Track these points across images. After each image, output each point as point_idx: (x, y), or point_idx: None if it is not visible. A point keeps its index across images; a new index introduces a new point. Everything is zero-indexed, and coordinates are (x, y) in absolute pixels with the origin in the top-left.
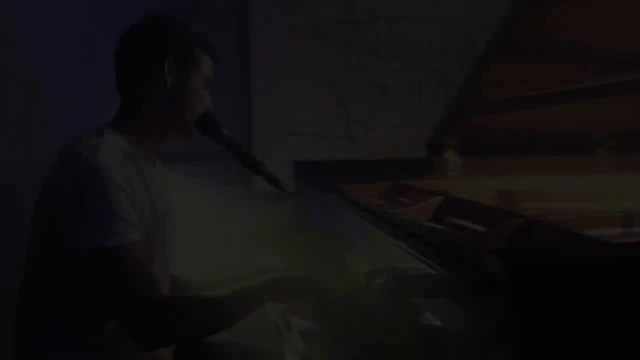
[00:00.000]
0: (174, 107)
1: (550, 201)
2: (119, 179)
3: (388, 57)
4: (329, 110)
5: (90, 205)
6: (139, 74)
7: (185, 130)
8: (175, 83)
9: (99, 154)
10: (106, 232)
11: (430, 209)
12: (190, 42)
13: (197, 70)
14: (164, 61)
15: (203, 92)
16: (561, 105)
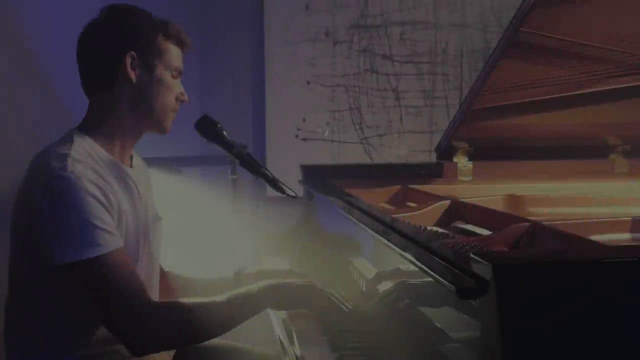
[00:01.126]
0: (142, 103)
1: (558, 206)
2: (90, 187)
3: (401, 62)
4: (342, 115)
5: (63, 218)
6: (101, 73)
7: (157, 125)
8: (140, 78)
9: (69, 163)
10: (83, 244)
11: (436, 213)
12: (151, 32)
13: (162, 61)
14: (125, 57)
15: (171, 82)
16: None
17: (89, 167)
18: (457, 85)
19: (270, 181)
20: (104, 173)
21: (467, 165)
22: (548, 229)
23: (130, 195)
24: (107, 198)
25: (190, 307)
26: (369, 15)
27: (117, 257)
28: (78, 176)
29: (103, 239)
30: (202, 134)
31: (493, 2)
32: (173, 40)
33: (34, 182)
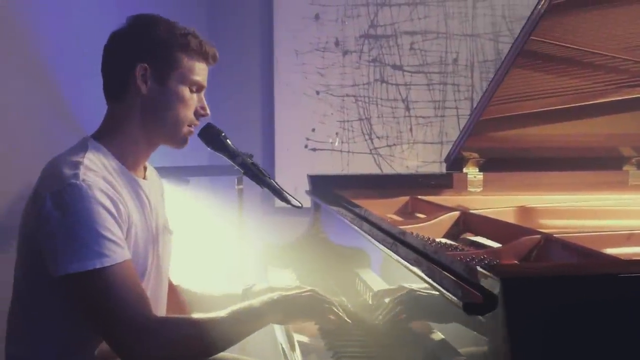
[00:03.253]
0: (153, 115)
1: (571, 218)
2: (101, 197)
3: (412, 72)
4: (352, 126)
5: (71, 226)
6: (114, 82)
7: (170, 138)
8: (152, 90)
9: (81, 171)
10: (89, 254)
11: (445, 225)
12: (167, 44)
13: (178, 74)
14: (136, 68)
15: (187, 95)
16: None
17: (100, 177)
18: (468, 95)
19: (276, 191)
20: (115, 183)
21: (478, 176)
22: (559, 242)
23: (141, 207)
24: (117, 209)
25: (194, 322)
26: (379, 25)
27: (123, 269)
28: (89, 185)
29: (110, 250)
30: (206, 143)
31: (505, 12)
32: (193, 53)
33: (44, 188)
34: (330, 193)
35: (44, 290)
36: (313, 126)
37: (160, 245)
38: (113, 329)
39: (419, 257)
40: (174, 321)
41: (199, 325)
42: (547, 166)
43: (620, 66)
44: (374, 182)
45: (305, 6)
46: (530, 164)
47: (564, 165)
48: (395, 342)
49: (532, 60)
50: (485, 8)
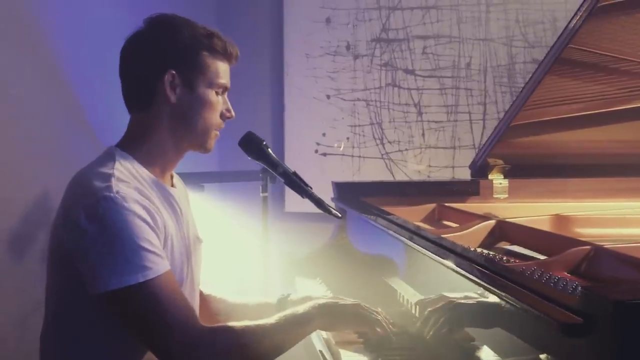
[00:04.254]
0: (182, 123)
1: (608, 226)
2: (137, 208)
3: (424, 77)
4: (363, 130)
5: (109, 241)
6: (140, 91)
7: (200, 144)
8: (180, 97)
9: (113, 183)
10: (131, 268)
11: (481, 233)
12: (193, 48)
13: (205, 78)
14: (164, 75)
15: (215, 99)
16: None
17: (133, 187)
18: (481, 100)
19: (316, 201)
20: (148, 193)
21: (503, 182)
22: (612, 253)
23: (174, 217)
24: (154, 219)
25: (243, 331)
26: (390, 29)
27: (166, 280)
28: (124, 197)
29: (152, 262)
30: (248, 152)
31: (518, 17)
32: (218, 55)
33: (76, 203)
34: (357, 200)
35: (82, 309)
36: (324, 130)
37: (193, 255)
38: (165, 343)
39: (503, 280)
40: (226, 330)
41: (250, 333)
42: (571, 173)
43: None
44: (399, 188)
45: (316, 10)
46: (555, 170)
47: (589, 172)
48: (440, 352)
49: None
50: (498, 12)
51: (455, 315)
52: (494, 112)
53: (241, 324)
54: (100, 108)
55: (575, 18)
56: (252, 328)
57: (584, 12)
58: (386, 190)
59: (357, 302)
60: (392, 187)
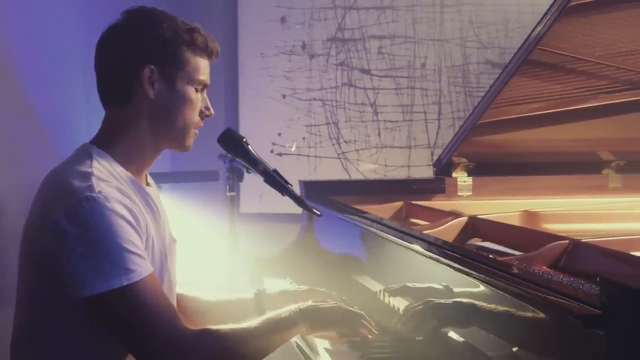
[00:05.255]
0: (161, 120)
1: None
2: (120, 209)
3: (380, 76)
4: (319, 130)
5: (92, 243)
6: (117, 86)
7: (179, 142)
8: (159, 93)
9: (94, 183)
10: (116, 271)
11: (454, 230)
12: (174, 42)
13: (185, 74)
14: (143, 70)
15: (195, 96)
16: (569, 124)
17: (114, 187)
18: (436, 100)
19: (297, 199)
20: (129, 193)
21: (467, 180)
22: (591, 247)
23: (152, 216)
24: (136, 219)
25: (227, 334)
26: (346, 29)
27: (150, 282)
28: (106, 197)
29: (136, 264)
30: (227, 149)
31: (472, 18)
32: (199, 51)
33: (54, 204)
34: (325, 199)
35: (60, 314)
36: (279, 130)
37: (170, 256)
38: (150, 346)
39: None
40: (211, 333)
41: (235, 336)
42: (533, 170)
43: (600, 72)
44: (366, 187)
45: (271, 9)
46: (517, 168)
47: (549, 170)
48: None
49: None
50: (452, 13)
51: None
52: (448, 112)
53: (225, 327)
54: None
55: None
56: (237, 331)
57: (554, 13)
58: (353, 189)
59: (337, 304)
60: (359, 185)
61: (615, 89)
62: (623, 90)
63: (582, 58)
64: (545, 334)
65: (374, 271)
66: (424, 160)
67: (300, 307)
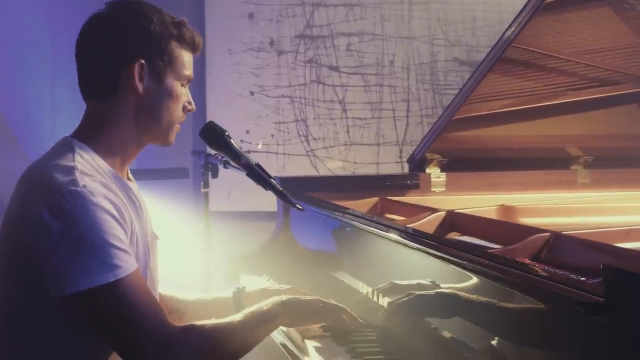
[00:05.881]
0: (149, 114)
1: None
2: (105, 204)
3: (348, 74)
4: (288, 127)
5: (78, 240)
6: (103, 79)
7: (163, 137)
8: (148, 86)
9: (78, 177)
10: (101, 267)
11: (432, 225)
12: (163, 37)
13: (174, 69)
14: (132, 65)
15: (180, 92)
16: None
17: (98, 181)
18: (404, 97)
19: (279, 193)
20: (113, 187)
21: (441, 176)
22: (572, 239)
23: (135, 211)
24: (121, 214)
25: (213, 329)
26: (315, 26)
27: (136, 279)
28: (91, 191)
29: (122, 260)
30: (209, 143)
31: (439, 16)
32: (186, 45)
33: (35, 200)
34: (301, 195)
35: (41, 314)
36: (247, 128)
37: (152, 253)
38: (137, 344)
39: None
40: (198, 329)
41: (220, 332)
42: (503, 166)
43: (569, 70)
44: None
45: (239, 5)
46: (489, 164)
47: (520, 165)
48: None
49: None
50: (420, 11)
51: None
52: (417, 109)
53: (210, 322)
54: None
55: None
56: (222, 326)
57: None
58: (327, 185)
59: (317, 297)
60: (333, 181)
61: (583, 86)
62: (590, 87)
63: (552, 55)
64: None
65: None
66: (393, 158)
67: (282, 300)
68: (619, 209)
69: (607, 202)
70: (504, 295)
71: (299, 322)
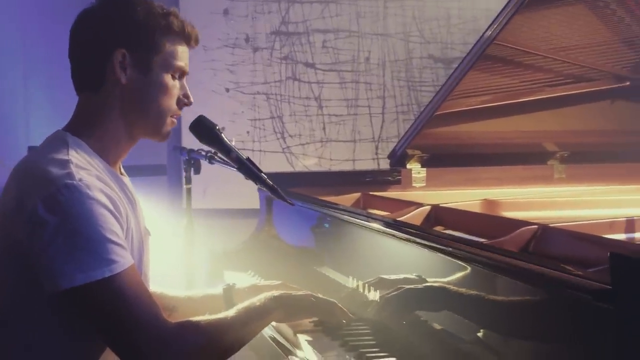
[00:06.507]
0: (136, 106)
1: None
2: (101, 198)
3: (324, 70)
4: (264, 124)
5: (74, 234)
6: (88, 70)
7: (154, 130)
8: (133, 77)
9: (73, 170)
10: (97, 262)
11: (417, 219)
12: (147, 27)
13: (160, 59)
14: (114, 54)
15: (171, 83)
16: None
17: (94, 175)
18: (380, 94)
19: (270, 188)
20: (108, 181)
21: (421, 172)
22: (561, 231)
23: (130, 206)
24: (117, 209)
25: (208, 325)
26: (290, 22)
27: (131, 274)
28: (87, 185)
29: (118, 255)
30: (199, 137)
31: (415, 13)
32: (175, 36)
33: (30, 193)
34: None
35: (34, 309)
36: (223, 125)
37: (145, 248)
38: (133, 340)
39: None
40: (193, 325)
41: (215, 328)
42: (483, 162)
43: (546, 66)
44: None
45: (213, 1)
46: (468, 159)
47: (498, 161)
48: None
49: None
50: (396, 8)
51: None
52: (392, 106)
53: (205, 318)
54: None
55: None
56: (217, 322)
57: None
58: (308, 181)
59: (308, 292)
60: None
61: (559, 83)
62: (566, 84)
63: (530, 52)
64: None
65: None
66: (369, 155)
67: (275, 295)
68: (600, 202)
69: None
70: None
71: (292, 317)
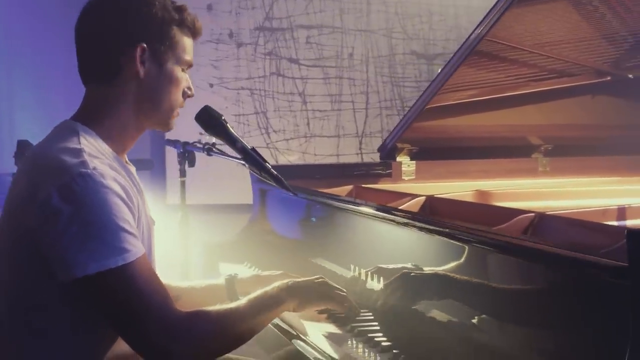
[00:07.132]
0: (150, 98)
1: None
2: (115, 187)
3: (308, 66)
4: (248, 119)
5: (88, 222)
6: (104, 63)
7: (163, 122)
8: (149, 72)
9: (87, 159)
10: (110, 250)
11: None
12: (165, 21)
13: (175, 54)
14: (135, 50)
15: (181, 77)
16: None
17: (106, 164)
18: (364, 89)
19: (275, 179)
20: (119, 170)
21: (411, 165)
22: (558, 219)
23: (139, 195)
24: (130, 198)
25: (219, 315)
26: (274, 18)
27: (143, 263)
28: (101, 174)
29: (131, 244)
30: (205, 127)
31: (397, 9)
32: (187, 31)
33: (44, 182)
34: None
35: (45, 298)
36: None
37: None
38: (144, 329)
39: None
40: (204, 315)
41: (226, 317)
42: (470, 155)
43: (530, 61)
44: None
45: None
46: (456, 152)
47: (485, 154)
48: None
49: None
50: (379, 4)
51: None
52: (375, 102)
53: (216, 308)
54: None
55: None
56: (229, 312)
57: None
58: (300, 174)
59: (322, 279)
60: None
61: (544, 77)
62: (550, 78)
63: (515, 47)
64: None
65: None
66: (353, 149)
67: (288, 284)
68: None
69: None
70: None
71: (305, 307)
